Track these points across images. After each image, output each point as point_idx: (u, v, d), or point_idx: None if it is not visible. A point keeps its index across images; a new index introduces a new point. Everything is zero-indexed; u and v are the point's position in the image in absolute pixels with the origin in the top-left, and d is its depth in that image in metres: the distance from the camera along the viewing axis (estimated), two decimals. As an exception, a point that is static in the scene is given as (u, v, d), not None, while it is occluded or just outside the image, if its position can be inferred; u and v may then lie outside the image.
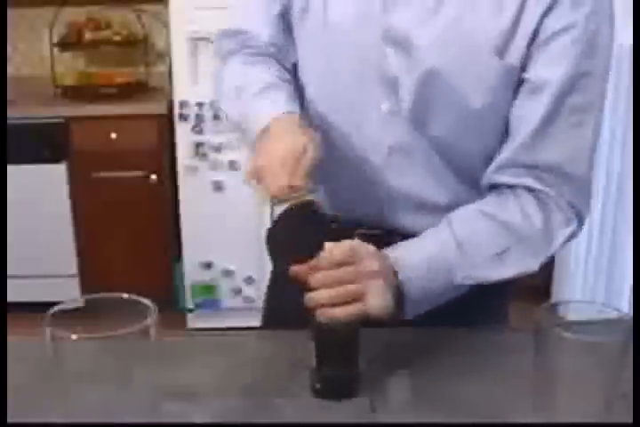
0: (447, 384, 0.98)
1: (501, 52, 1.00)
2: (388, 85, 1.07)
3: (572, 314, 0.89)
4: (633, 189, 2.59)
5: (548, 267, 2.96)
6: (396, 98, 1.07)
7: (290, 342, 1.08)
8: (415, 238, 1.04)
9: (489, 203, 1.06)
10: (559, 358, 0.84)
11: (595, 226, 2.84)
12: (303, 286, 0.91)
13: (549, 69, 0.99)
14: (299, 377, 1.00)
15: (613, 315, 0.87)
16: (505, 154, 1.05)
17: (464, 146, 1.08)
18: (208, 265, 3.03)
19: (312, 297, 0.91)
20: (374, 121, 1.10)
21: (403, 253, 1.00)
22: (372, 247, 0.95)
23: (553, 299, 2.87)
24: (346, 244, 0.93)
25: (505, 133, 1.06)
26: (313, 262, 0.92)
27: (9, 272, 2.74)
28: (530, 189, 1.04)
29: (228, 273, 3.04)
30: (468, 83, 1.02)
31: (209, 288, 3.05)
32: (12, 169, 2.91)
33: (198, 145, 2.88)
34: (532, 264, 1.04)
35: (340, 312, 0.90)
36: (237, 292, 3.07)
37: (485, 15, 1.00)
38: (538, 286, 2.85)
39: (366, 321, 0.93)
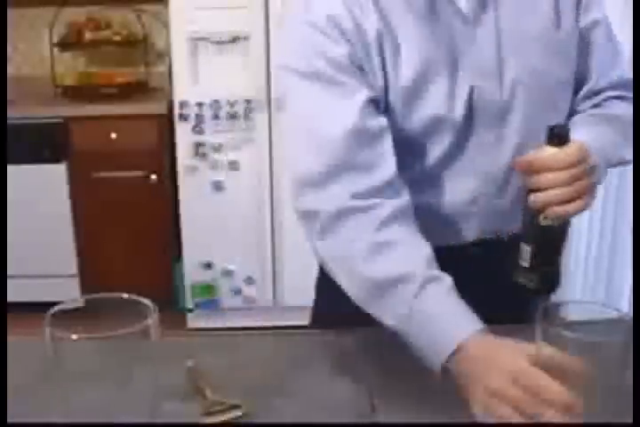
0: (447, 384, 0.98)
1: (558, 21, 1.10)
2: (495, 119, 1.10)
3: (572, 314, 0.89)
4: (633, 190, 2.58)
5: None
6: (503, 125, 1.10)
7: (290, 342, 1.09)
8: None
9: (588, 110, 1.17)
10: (559, 358, 0.84)
11: (595, 226, 2.84)
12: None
13: (593, 11, 1.14)
14: (299, 377, 1.00)
15: (613, 315, 0.87)
16: (589, 86, 1.17)
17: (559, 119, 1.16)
18: (208, 265, 3.03)
19: (541, 197, 0.95)
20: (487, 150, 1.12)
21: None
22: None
23: (553, 299, 2.87)
24: (577, 144, 0.95)
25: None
26: (533, 165, 0.95)
27: (9, 272, 2.73)
28: (614, 97, 1.19)
29: (227, 273, 3.04)
30: (555, 67, 1.11)
31: (209, 288, 3.05)
32: (11, 169, 2.91)
33: (198, 145, 2.88)
34: None
35: (572, 209, 0.95)
36: (237, 292, 3.07)
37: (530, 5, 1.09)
38: (538, 286, 2.84)
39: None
